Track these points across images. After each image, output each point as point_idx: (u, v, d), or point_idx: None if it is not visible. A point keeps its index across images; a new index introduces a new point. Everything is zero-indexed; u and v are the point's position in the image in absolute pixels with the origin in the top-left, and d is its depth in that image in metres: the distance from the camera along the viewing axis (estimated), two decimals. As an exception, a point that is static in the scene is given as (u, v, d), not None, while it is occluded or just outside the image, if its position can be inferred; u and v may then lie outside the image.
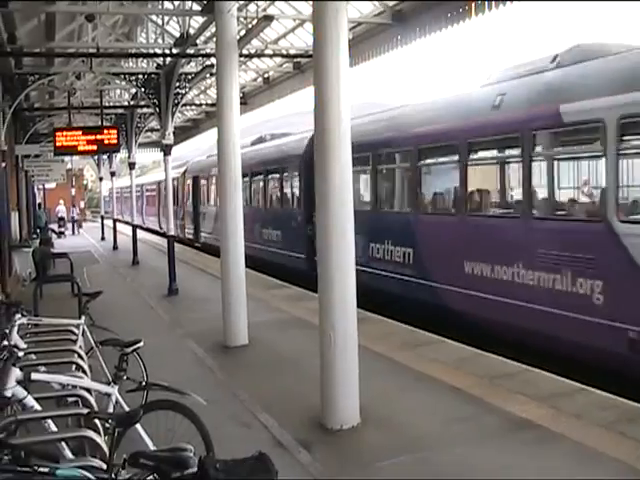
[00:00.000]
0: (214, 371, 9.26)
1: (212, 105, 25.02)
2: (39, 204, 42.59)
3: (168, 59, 15.57)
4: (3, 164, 14.82)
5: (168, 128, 15.88)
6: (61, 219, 43.77)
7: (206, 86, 23.51)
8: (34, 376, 4.57)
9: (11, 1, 10.25)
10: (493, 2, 10.32)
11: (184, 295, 15.84)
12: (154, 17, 17.08)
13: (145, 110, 22.12)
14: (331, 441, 6.59)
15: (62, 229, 41.40)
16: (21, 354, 4.59)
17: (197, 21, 15.20)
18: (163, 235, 23.93)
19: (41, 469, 3.14)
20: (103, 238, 34.72)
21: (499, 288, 9.96)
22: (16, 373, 4.48)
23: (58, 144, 16.86)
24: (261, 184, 21.15)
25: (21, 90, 15.22)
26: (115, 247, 29.06)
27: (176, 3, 15.74)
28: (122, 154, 27.67)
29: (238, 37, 10.73)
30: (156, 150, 35.79)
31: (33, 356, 6.33)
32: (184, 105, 22.67)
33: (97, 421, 4.33)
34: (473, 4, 10.70)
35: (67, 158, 38.35)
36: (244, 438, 6.74)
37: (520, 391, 7.64)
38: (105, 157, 33.33)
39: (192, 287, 16.71)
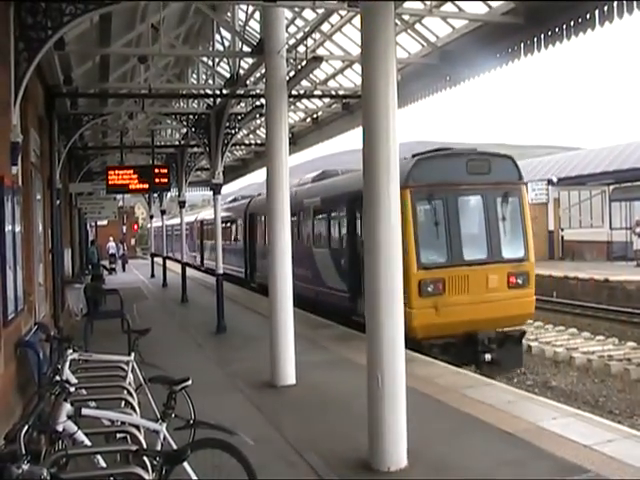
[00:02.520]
0: (261, 410, 9.21)
1: (261, 145, 25.41)
2: (92, 241, 43.46)
3: (218, 99, 15.85)
4: (58, 202, 15.18)
5: (218, 167, 16.09)
6: (112, 255, 44.57)
7: (255, 126, 23.84)
8: (84, 411, 4.61)
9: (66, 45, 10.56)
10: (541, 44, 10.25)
11: (232, 333, 15.86)
12: (205, 58, 17.43)
13: (195, 149, 22.54)
14: (378, 483, 6.48)
15: (113, 265, 42.07)
16: (72, 389, 4.61)
17: (247, 62, 15.50)
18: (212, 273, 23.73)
19: None
20: (153, 275, 35.16)
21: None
22: (67, 408, 4.52)
23: (110, 182, 17.25)
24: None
25: (76, 130, 15.67)
26: (164, 284, 29.37)
27: (227, 44, 16.03)
28: (172, 192, 28.15)
29: (287, 78, 10.89)
30: (206, 189, 36.34)
31: (84, 391, 6.40)
32: (233, 145, 23.04)
33: (145, 458, 4.33)
34: (522, 44, 10.66)
35: (119, 196, 39.35)
36: (290, 477, 6.69)
37: (569, 437, 7.43)
38: (156, 195, 33.95)
39: (241, 325, 16.75)
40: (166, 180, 17.86)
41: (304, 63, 11.39)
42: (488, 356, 12.80)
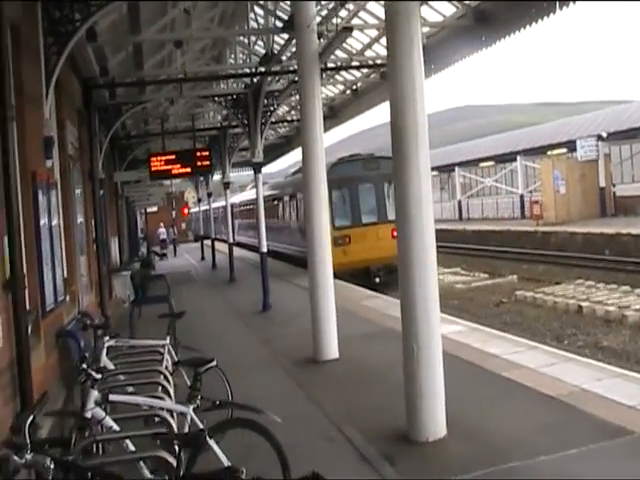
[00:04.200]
0: (303, 386, 9.30)
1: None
2: (142, 229, 44.19)
3: (256, 79, 15.85)
4: (101, 192, 15.47)
5: (257, 146, 16.15)
6: (163, 241, 45.20)
7: (296, 102, 23.75)
8: (112, 397, 4.75)
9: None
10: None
11: (278, 310, 16.01)
12: (241, 38, 17.43)
13: (237, 130, 22.61)
14: (416, 454, 6.50)
15: (164, 251, 42.68)
16: (98, 376, 4.73)
17: (283, 38, 15.44)
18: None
19: None
20: (203, 258, 35.61)
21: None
22: (95, 395, 4.65)
23: (153, 169, 17.49)
24: None
25: (115, 120, 15.90)
26: (214, 266, 29.74)
27: (260, 21, 15.98)
28: (219, 175, 28.35)
29: (320, 51, 10.84)
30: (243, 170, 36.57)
31: (122, 377, 6.58)
32: (275, 123, 23.07)
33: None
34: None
35: (167, 182, 39.84)
36: (328, 452, 6.77)
37: (613, 397, 7.32)
38: (202, 178, 34.23)
39: (287, 302, 16.89)
40: (208, 163, 18.01)
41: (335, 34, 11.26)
42: (377, 279, 20.55)
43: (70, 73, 11.56)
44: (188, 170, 17.85)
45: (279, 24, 12.82)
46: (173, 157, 17.55)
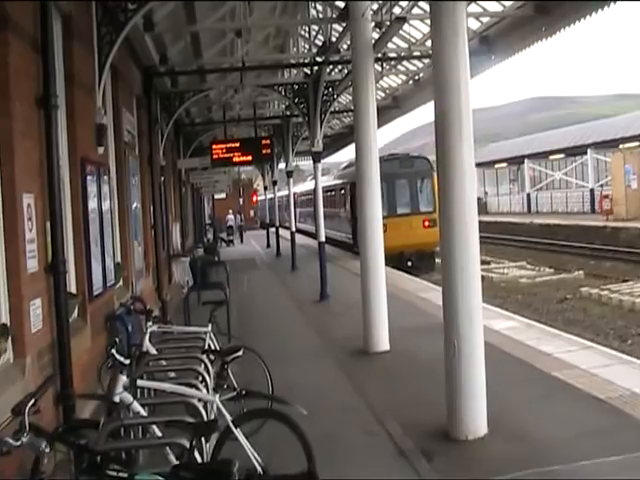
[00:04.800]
0: (350, 377, 9.24)
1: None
2: (209, 215, 44.80)
3: (316, 68, 15.81)
4: (162, 178, 15.69)
5: (317, 136, 16.09)
6: (229, 228, 45.77)
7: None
8: (140, 383, 4.80)
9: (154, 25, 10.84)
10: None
11: (335, 300, 15.97)
12: (302, 28, 17.41)
13: (300, 119, 22.63)
14: (454, 452, 6.38)
15: (231, 237, 43.19)
16: (127, 361, 4.78)
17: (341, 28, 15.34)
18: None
19: (120, 474, 3.25)
20: (268, 245, 35.89)
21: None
22: (123, 380, 4.71)
23: (215, 156, 17.66)
24: None
25: (177, 108, 16.10)
26: (278, 254, 29.91)
27: (320, 10, 15.92)
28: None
29: (374, 41, 10.69)
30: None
31: (163, 362, 6.67)
32: (337, 112, 22.97)
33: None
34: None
35: (235, 169, 40.26)
36: (366, 446, 6.70)
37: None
38: (269, 167, 34.46)
39: (345, 292, 16.78)
40: (269, 151, 18.11)
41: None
42: (409, 263, 22.91)
43: (129, 61, 11.74)
44: (249, 158, 17.96)
45: (335, 14, 12.65)
46: (234, 145, 17.67)
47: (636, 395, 7.35)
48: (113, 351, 4.75)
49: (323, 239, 16.84)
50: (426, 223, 24.48)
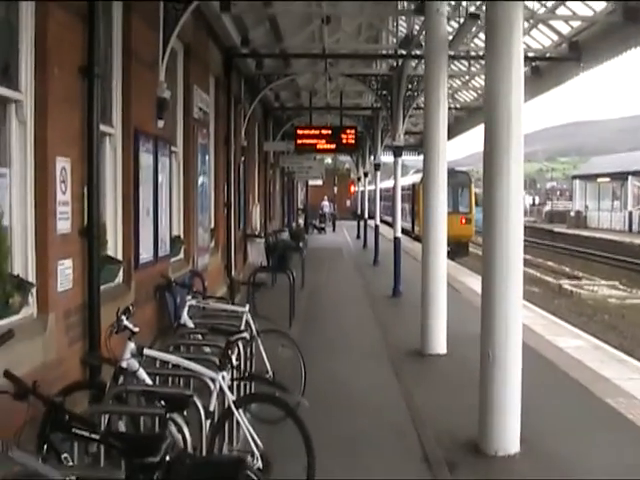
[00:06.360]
0: (399, 377, 9.03)
1: (460, 109, 24.67)
2: (302, 200, 45.17)
3: (401, 61, 15.50)
4: (242, 158, 15.76)
5: (399, 130, 15.77)
6: (322, 215, 45.95)
7: (453, 89, 23.01)
8: (146, 352, 4.83)
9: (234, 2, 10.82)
10: None
11: (407, 297, 15.59)
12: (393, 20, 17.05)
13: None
14: (479, 466, 6.08)
15: (322, 225, 43.34)
16: (136, 329, 4.84)
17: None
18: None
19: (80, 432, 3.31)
20: (358, 236, 35.81)
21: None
22: (131, 347, 4.77)
23: (299, 142, 17.69)
24: None
25: (262, 90, 16.15)
26: (365, 246, 29.79)
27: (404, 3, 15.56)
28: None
29: (451, 38, 10.33)
30: (413, 153, 36.16)
31: (199, 336, 6.67)
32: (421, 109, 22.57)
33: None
34: None
35: (329, 158, 40.32)
36: (393, 449, 6.50)
37: None
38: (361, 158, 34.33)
39: (419, 289, 16.53)
40: (353, 142, 17.95)
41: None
42: (448, 249, 22.51)
43: (206, 41, 11.79)
44: (333, 147, 17.90)
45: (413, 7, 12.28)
46: (318, 132, 17.60)
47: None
48: (123, 317, 4.77)
49: (399, 234, 16.56)
50: (463, 220, 33.00)
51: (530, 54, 15.40)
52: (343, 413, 7.45)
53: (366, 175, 32.95)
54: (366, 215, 32.91)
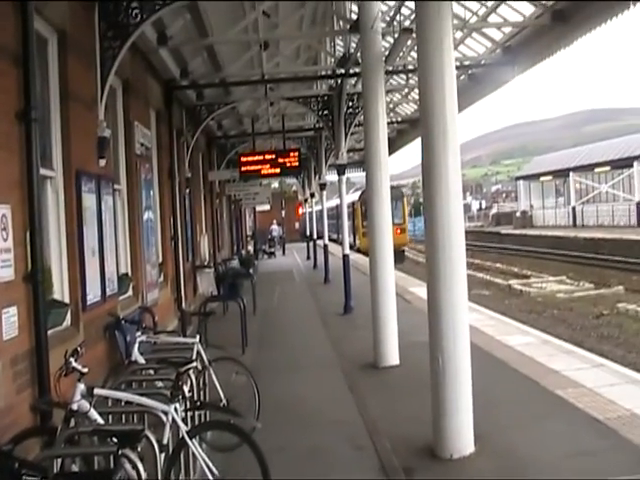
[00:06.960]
0: (353, 391, 9.19)
1: (401, 122, 25.12)
2: (251, 227, 45.28)
3: (340, 80, 15.82)
4: (187, 190, 15.83)
5: (341, 148, 16.07)
6: (271, 239, 46.05)
7: (393, 104, 23.48)
8: (97, 391, 4.86)
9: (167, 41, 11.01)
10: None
11: (359, 312, 15.78)
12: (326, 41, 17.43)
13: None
14: (436, 470, 6.26)
15: (272, 249, 43.41)
16: (85, 370, 4.87)
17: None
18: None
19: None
20: (308, 258, 36.01)
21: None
22: (80, 388, 4.80)
23: (243, 169, 17.84)
24: None
25: (204, 120, 16.26)
26: (315, 266, 29.98)
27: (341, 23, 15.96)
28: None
29: (386, 54, 10.65)
30: (358, 169, 36.55)
31: (151, 371, 6.74)
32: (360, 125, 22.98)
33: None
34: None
35: (276, 182, 40.41)
36: (351, 461, 6.65)
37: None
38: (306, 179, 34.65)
39: (370, 303, 16.75)
40: (297, 164, 18.17)
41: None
42: None
43: (145, 75, 11.89)
44: (277, 171, 18.09)
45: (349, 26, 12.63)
46: (262, 157, 17.78)
47: (635, 416, 7.12)
48: (71, 359, 4.83)
49: (348, 251, 16.80)
50: (398, 231, 36.99)
51: (466, 62, 15.93)
52: (299, 431, 7.58)
53: (313, 196, 33.06)
54: (315, 235, 33.09)
